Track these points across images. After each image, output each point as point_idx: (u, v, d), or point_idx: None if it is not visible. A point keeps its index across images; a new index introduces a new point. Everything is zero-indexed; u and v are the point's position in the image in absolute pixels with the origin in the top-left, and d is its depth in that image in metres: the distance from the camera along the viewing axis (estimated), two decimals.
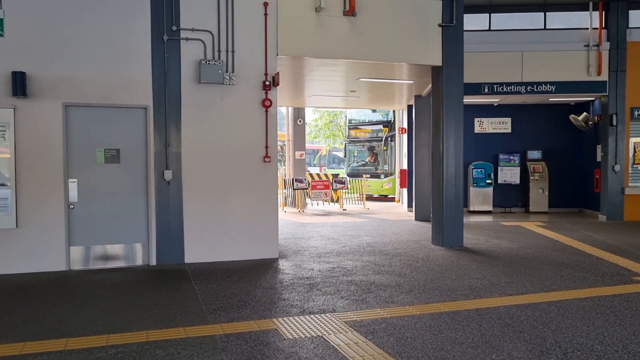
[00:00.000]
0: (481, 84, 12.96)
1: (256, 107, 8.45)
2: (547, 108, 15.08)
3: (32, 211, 7.53)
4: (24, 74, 7.31)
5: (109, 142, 7.93)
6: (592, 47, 12.88)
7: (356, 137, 22.87)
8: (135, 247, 8.10)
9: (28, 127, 7.49)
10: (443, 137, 9.62)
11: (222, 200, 8.36)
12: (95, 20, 7.71)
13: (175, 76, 8.06)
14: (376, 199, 20.83)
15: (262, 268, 7.89)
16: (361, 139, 22.63)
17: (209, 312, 5.64)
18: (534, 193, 15.04)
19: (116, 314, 5.61)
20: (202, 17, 8.14)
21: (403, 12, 9.23)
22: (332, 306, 5.87)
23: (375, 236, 11.01)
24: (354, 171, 22.33)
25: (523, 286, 6.75)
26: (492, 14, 13.28)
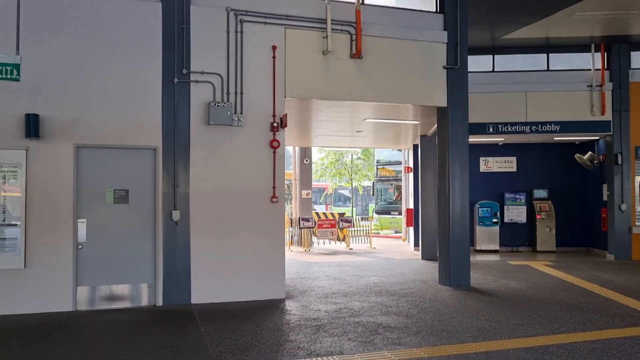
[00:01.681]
0: (486, 123, 13.09)
1: (264, 148, 8.56)
2: (552, 147, 15.15)
3: (40, 251, 7.57)
4: (37, 116, 7.48)
5: (119, 183, 8.02)
6: (595, 87, 13.04)
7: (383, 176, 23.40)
8: (142, 287, 8.09)
9: (39, 167, 7.61)
10: (449, 176, 9.67)
11: (229, 241, 8.38)
12: (107, 63, 7.91)
13: (185, 117, 8.21)
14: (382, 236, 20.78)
15: (269, 309, 7.85)
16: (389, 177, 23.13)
17: (215, 354, 5.61)
18: (541, 232, 14.97)
19: (122, 357, 5.58)
20: (211, 60, 8.34)
21: (408, 55, 9.43)
22: (340, 348, 5.82)
23: (382, 276, 10.96)
24: (383, 209, 22.85)
25: (532, 328, 6.68)
26: (496, 55, 13.51)
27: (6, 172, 7.50)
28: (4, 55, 6.58)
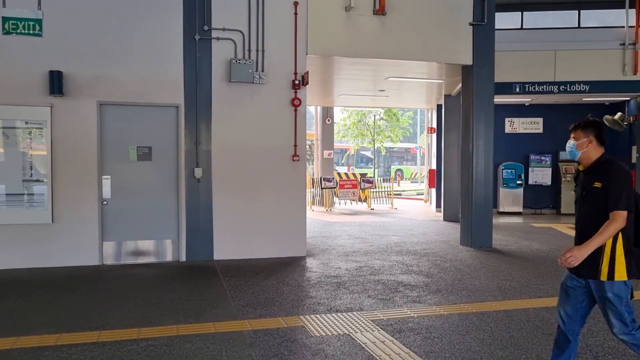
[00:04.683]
0: (512, 83, 12.77)
1: (285, 106, 8.51)
2: (581, 108, 14.73)
3: (67, 207, 7.73)
4: (60, 73, 7.52)
5: (142, 140, 8.09)
6: (628, 45, 12.57)
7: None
8: (166, 243, 8.24)
9: (64, 125, 7.69)
10: (473, 137, 9.53)
11: (251, 198, 8.44)
12: (129, 21, 7.88)
13: (206, 75, 8.18)
14: (404, 198, 20.73)
15: (290, 266, 7.95)
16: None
17: (237, 309, 5.72)
18: (566, 194, 14.76)
19: (147, 308, 5.73)
20: (233, 16, 8.24)
21: (433, 11, 9.18)
22: (359, 305, 5.88)
23: (403, 236, 10.97)
24: None
25: (553, 289, 6.65)
26: (525, 12, 13.08)
27: (32, 129, 7.60)
28: (27, 10, 6.57)
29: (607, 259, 3.32)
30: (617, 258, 3.31)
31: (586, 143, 3.51)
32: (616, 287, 3.32)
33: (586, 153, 3.51)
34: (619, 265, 3.31)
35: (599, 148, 3.49)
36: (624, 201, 3.25)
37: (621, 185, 3.28)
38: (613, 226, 3.23)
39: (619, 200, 3.25)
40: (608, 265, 3.32)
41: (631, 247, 3.35)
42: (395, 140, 28.73)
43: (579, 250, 3.28)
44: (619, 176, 3.32)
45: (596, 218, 3.35)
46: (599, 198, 3.35)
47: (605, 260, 3.33)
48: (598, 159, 3.48)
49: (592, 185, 3.41)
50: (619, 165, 3.39)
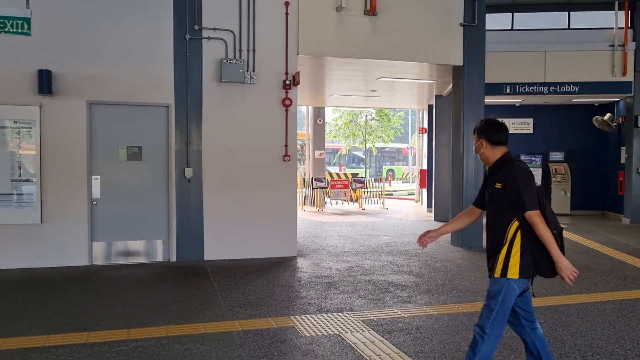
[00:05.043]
0: (503, 84, 12.83)
1: (276, 106, 8.50)
2: (570, 109, 14.86)
3: (56, 207, 7.68)
4: (49, 72, 7.46)
5: (132, 140, 8.05)
6: (617, 47, 12.66)
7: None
8: (156, 243, 8.21)
9: (53, 124, 7.64)
10: (464, 137, 9.56)
11: (241, 198, 8.42)
12: (119, 19, 7.83)
13: (197, 75, 8.15)
14: (396, 198, 20.77)
15: (281, 266, 7.94)
16: None
17: (227, 309, 5.70)
18: (556, 195, 14.84)
19: (137, 308, 5.70)
20: (223, 16, 8.21)
21: (424, 12, 9.20)
22: (350, 305, 5.89)
23: (394, 236, 10.99)
24: None
25: (543, 289, 6.68)
26: (515, 13, 13.14)
27: (21, 128, 7.54)
28: (15, 9, 6.51)
29: (503, 257, 3.35)
30: (512, 257, 3.33)
31: (480, 146, 3.56)
32: (500, 283, 3.35)
33: (483, 155, 3.57)
34: (512, 264, 3.32)
35: (495, 149, 3.51)
36: (530, 200, 3.27)
37: (520, 186, 3.29)
38: (540, 228, 3.25)
39: (525, 201, 3.27)
40: (502, 263, 3.34)
41: (532, 246, 3.34)
42: (386, 140, 28.80)
43: (564, 265, 3.30)
44: (517, 176, 3.33)
45: (497, 218, 3.40)
46: (499, 198, 3.39)
47: (501, 258, 3.35)
48: (499, 159, 3.50)
49: (494, 186, 3.44)
50: (519, 165, 3.41)
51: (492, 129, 3.54)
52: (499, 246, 3.37)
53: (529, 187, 3.31)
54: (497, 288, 3.36)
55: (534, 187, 3.34)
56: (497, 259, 3.37)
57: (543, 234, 3.25)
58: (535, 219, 3.26)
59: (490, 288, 3.41)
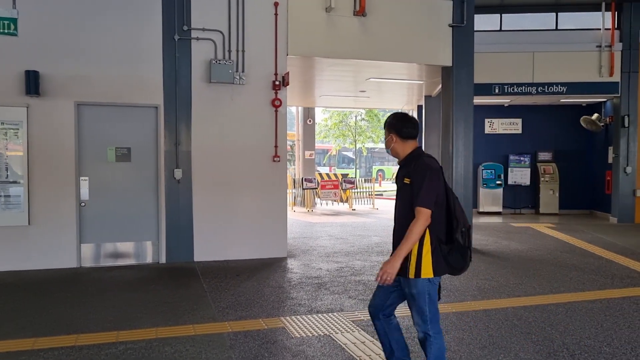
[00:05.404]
0: (492, 84, 12.91)
1: (266, 106, 8.49)
2: (559, 109, 14.98)
3: (44, 208, 7.62)
4: (37, 73, 7.40)
5: (120, 141, 8.00)
6: (605, 47, 12.78)
7: None
8: (146, 245, 8.16)
9: (41, 125, 7.58)
10: (453, 137, 9.60)
11: (231, 199, 8.40)
12: (107, 20, 7.79)
13: (186, 76, 8.12)
14: (386, 198, 20.82)
15: (271, 267, 7.93)
16: None
17: (217, 310, 5.69)
18: (545, 194, 14.95)
19: (126, 311, 5.66)
20: (212, 16, 8.19)
21: (413, 12, 9.22)
22: (340, 305, 5.89)
23: (384, 236, 11.01)
24: None
25: (531, 288, 6.73)
26: (504, 14, 13.21)
27: (8, 129, 7.47)
28: (1, 9, 6.46)
29: (415, 256, 3.31)
30: (424, 255, 3.31)
31: (390, 141, 3.53)
32: (420, 284, 3.33)
33: (394, 150, 3.54)
34: (425, 263, 3.31)
35: (405, 143, 3.49)
36: (425, 198, 3.24)
37: (421, 182, 3.27)
38: (417, 226, 3.23)
39: (419, 197, 3.25)
40: (415, 263, 3.31)
41: (441, 244, 3.34)
42: (376, 140, 28.91)
43: (390, 263, 3.27)
44: (420, 172, 3.31)
45: (405, 214, 3.37)
46: (407, 194, 3.35)
47: (413, 258, 3.31)
48: (409, 154, 3.48)
49: (403, 181, 3.42)
50: (423, 160, 3.38)
51: (402, 123, 3.51)
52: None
53: (429, 185, 3.27)
54: (421, 289, 3.34)
55: (435, 185, 3.30)
56: (409, 258, 3.32)
57: (415, 231, 3.22)
58: (419, 215, 3.23)
59: (413, 291, 3.37)
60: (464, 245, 3.36)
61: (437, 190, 3.30)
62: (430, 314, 3.37)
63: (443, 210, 3.35)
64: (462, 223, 3.34)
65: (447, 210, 3.37)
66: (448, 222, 3.37)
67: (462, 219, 3.36)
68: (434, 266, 3.31)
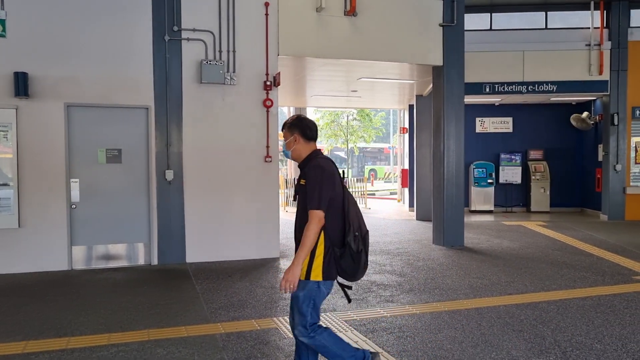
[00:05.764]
0: (482, 83, 12.96)
1: (257, 107, 8.47)
2: (549, 107, 15.08)
3: (34, 211, 7.56)
4: (26, 75, 7.35)
5: (111, 142, 7.96)
6: (594, 46, 12.87)
7: None
8: (137, 246, 8.13)
9: (30, 127, 7.52)
10: (444, 136, 9.63)
11: (223, 200, 8.38)
12: (96, 21, 7.74)
13: (177, 76, 8.09)
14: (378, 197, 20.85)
15: (263, 267, 7.92)
16: None
17: (210, 311, 5.67)
18: (536, 192, 15.03)
19: (118, 313, 5.64)
20: (203, 17, 8.17)
21: (404, 12, 9.24)
22: (333, 305, 5.89)
23: (376, 236, 11.03)
24: None
25: (523, 285, 6.76)
26: (493, 13, 13.27)
27: None
28: None
29: (307, 257, 3.26)
30: (316, 258, 3.26)
31: (293, 142, 3.49)
32: (308, 287, 3.27)
33: (296, 152, 3.49)
34: (316, 265, 3.25)
35: (308, 144, 3.47)
36: (317, 200, 3.19)
37: (314, 183, 3.23)
38: (310, 229, 3.18)
39: (311, 198, 3.21)
40: (307, 264, 3.26)
41: (334, 247, 3.28)
42: (368, 140, 28.90)
43: (290, 271, 3.21)
44: (313, 174, 3.28)
45: (303, 216, 3.31)
46: (304, 196, 3.31)
47: (306, 260, 3.26)
48: (308, 155, 3.45)
49: (300, 182, 3.39)
50: (317, 162, 3.35)
51: (306, 124, 3.50)
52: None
53: (320, 187, 3.22)
54: (307, 292, 3.28)
55: (328, 187, 3.25)
56: None
57: (308, 234, 3.17)
58: (311, 218, 3.19)
59: (299, 293, 3.29)
60: (356, 250, 3.27)
61: (331, 192, 3.26)
62: (310, 319, 3.31)
63: (339, 213, 3.30)
64: (355, 227, 3.28)
65: (342, 213, 3.32)
66: (344, 225, 3.32)
67: (356, 223, 3.31)
68: (324, 269, 3.26)
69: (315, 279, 3.26)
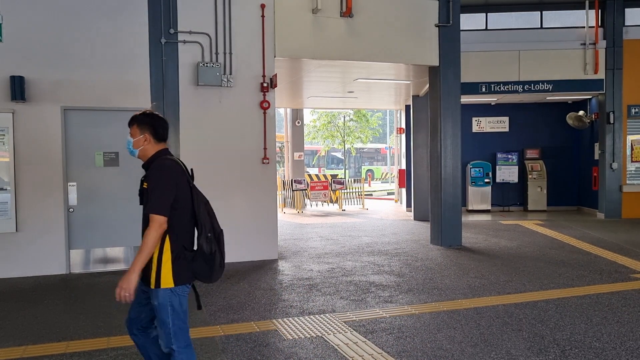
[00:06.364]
0: (478, 83, 12.99)
1: (254, 108, 8.48)
2: (545, 106, 15.11)
3: (31, 215, 7.55)
4: (22, 78, 7.34)
5: (108, 145, 7.95)
6: (589, 45, 12.91)
7: None
8: (135, 249, 8.12)
9: (27, 131, 7.51)
10: (441, 136, 9.65)
11: (221, 202, 8.34)
12: (93, 24, 7.74)
13: (173, 79, 8.09)
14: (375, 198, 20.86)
15: (262, 269, 7.91)
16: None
17: (208, 314, 5.67)
18: (532, 192, 15.07)
19: (117, 316, 5.62)
20: (199, 19, 8.17)
21: (400, 13, 9.26)
22: (332, 306, 5.89)
23: (374, 236, 11.04)
24: None
25: (521, 285, 6.78)
26: (489, 13, 13.31)
27: None
28: None
29: (155, 265, 3.07)
30: (164, 264, 3.07)
31: (142, 140, 3.23)
32: (161, 295, 3.08)
33: (143, 151, 3.24)
34: (165, 272, 3.06)
35: (157, 145, 3.24)
36: (157, 204, 2.99)
37: (154, 186, 3.03)
38: (149, 235, 2.96)
39: (151, 202, 3.01)
40: (155, 272, 3.07)
41: (185, 250, 3.12)
42: (365, 140, 28.95)
43: (126, 278, 2.99)
44: (153, 176, 3.08)
45: (146, 222, 3.06)
46: (147, 199, 3.07)
47: (154, 267, 3.07)
48: (153, 156, 3.21)
49: (143, 185, 3.15)
50: (159, 163, 3.13)
51: (158, 123, 3.27)
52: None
53: (162, 189, 3.03)
54: (162, 300, 3.08)
55: (170, 189, 3.06)
56: (150, 267, 3.07)
57: (147, 240, 2.96)
58: (152, 223, 2.97)
59: (155, 302, 3.10)
60: (209, 252, 3.13)
61: (173, 194, 3.06)
62: (173, 327, 3.11)
63: (188, 215, 3.15)
64: (207, 228, 3.14)
65: (192, 215, 3.16)
66: (194, 227, 3.17)
67: (208, 224, 3.16)
68: (174, 275, 3.07)
69: (166, 286, 3.07)
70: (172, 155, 3.32)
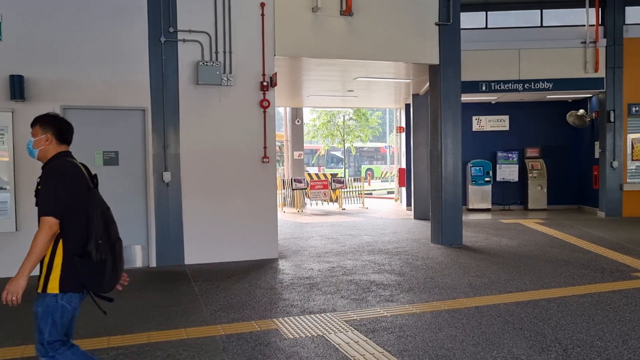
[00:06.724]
0: (478, 82, 12.96)
1: (254, 107, 8.46)
2: (545, 105, 15.09)
3: (31, 214, 7.46)
4: (21, 78, 7.32)
5: (108, 145, 7.93)
6: (589, 44, 12.89)
7: None
8: (135, 249, 8.10)
9: (26, 130, 7.43)
10: (441, 135, 9.63)
11: (221, 201, 8.36)
12: (92, 23, 7.71)
13: (173, 78, 8.07)
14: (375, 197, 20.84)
15: (262, 268, 7.90)
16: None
17: (209, 313, 5.65)
18: (533, 190, 15.05)
19: (117, 316, 5.61)
20: (199, 18, 8.15)
21: (400, 11, 9.24)
22: (333, 305, 5.88)
23: (375, 235, 11.02)
24: None
25: (523, 283, 6.76)
26: (489, 12, 13.29)
27: None
28: None
29: (45, 268, 2.98)
30: (54, 268, 2.97)
31: (43, 140, 3.17)
32: (46, 301, 2.99)
33: (44, 152, 3.17)
34: (53, 277, 2.96)
35: (59, 147, 3.19)
36: (47, 205, 2.92)
37: (45, 188, 2.96)
38: (39, 236, 2.88)
39: (41, 204, 2.93)
40: (44, 276, 2.97)
41: (75, 257, 2.99)
42: (365, 139, 28.94)
43: (14, 281, 2.91)
44: (45, 177, 3.00)
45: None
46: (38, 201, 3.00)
47: (44, 270, 2.98)
48: (51, 157, 3.14)
49: (37, 187, 3.05)
50: (54, 165, 3.06)
51: (63, 125, 3.24)
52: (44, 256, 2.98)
53: (54, 191, 2.95)
54: (45, 307, 2.99)
55: (62, 191, 2.97)
56: (40, 270, 2.99)
57: (36, 243, 2.88)
58: (41, 225, 2.90)
59: (38, 308, 3.01)
60: (97, 259, 3.00)
61: (66, 196, 2.97)
62: (48, 337, 3.00)
63: (81, 220, 3.02)
64: (98, 235, 3.00)
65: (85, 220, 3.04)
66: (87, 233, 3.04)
67: (101, 231, 3.03)
68: (61, 281, 2.96)
69: (52, 291, 2.97)
70: (74, 158, 3.25)
